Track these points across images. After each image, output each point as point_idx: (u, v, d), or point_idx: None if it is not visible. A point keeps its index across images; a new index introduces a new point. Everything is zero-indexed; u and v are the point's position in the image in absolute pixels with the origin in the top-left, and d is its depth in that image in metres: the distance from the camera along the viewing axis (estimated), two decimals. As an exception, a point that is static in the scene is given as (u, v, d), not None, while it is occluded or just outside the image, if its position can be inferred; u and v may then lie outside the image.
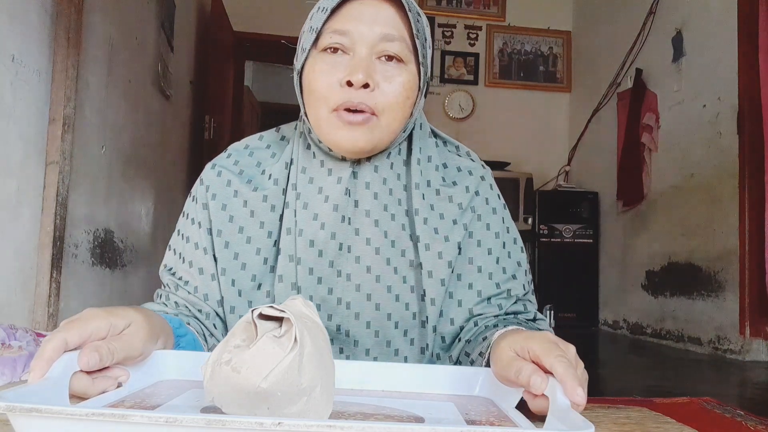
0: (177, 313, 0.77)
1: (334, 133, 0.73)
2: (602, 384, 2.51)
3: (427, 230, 0.77)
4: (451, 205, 0.80)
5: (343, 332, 0.75)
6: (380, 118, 0.73)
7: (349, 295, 0.76)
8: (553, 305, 3.81)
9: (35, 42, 1.98)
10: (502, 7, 5.27)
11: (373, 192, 0.77)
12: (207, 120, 4.00)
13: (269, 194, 0.79)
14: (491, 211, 0.82)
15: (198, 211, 0.80)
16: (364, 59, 0.72)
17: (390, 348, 0.76)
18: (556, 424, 0.48)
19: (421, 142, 0.82)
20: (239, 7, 4.65)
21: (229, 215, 0.79)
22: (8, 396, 0.42)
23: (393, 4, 0.73)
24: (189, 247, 0.80)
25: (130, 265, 2.92)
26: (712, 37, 3.38)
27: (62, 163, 2.08)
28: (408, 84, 0.73)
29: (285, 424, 0.38)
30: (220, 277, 0.77)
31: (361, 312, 0.76)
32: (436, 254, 0.77)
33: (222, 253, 0.78)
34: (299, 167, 0.79)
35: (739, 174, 3.09)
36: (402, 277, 0.77)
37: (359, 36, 0.72)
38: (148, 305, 0.78)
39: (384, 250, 0.76)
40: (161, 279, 0.83)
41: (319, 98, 0.73)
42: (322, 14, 0.73)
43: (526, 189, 4.64)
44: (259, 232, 0.78)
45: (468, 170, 0.84)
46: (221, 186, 0.80)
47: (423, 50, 0.75)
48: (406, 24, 0.74)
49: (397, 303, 0.76)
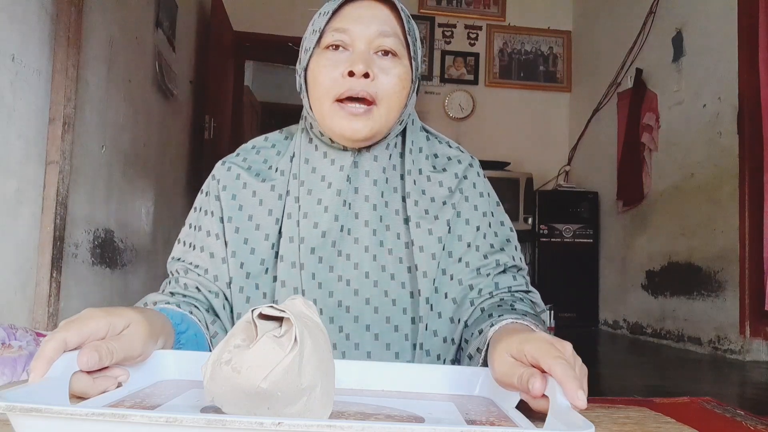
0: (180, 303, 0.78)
1: (337, 123, 0.79)
2: (602, 384, 2.51)
3: (417, 211, 0.84)
4: (441, 188, 0.87)
5: (344, 308, 0.81)
6: (379, 106, 0.79)
7: (349, 273, 0.81)
8: (553, 305, 3.80)
9: (35, 42, 1.98)
10: (502, 7, 5.27)
11: (373, 179, 0.84)
12: (207, 120, 3.99)
13: (276, 184, 0.85)
14: (478, 194, 0.88)
15: (210, 203, 0.86)
16: (364, 53, 0.79)
17: (390, 324, 0.81)
18: (556, 424, 0.48)
19: (413, 136, 0.89)
20: (239, 7, 4.65)
21: (239, 204, 0.84)
22: (8, 396, 0.42)
23: (387, 6, 0.81)
24: (200, 234, 0.85)
25: (130, 265, 2.92)
26: (712, 37, 3.38)
27: (62, 163, 2.08)
28: (403, 76, 0.81)
29: (285, 424, 0.38)
30: (229, 259, 0.82)
31: (360, 288, 0.81)
32: (426, 231, 0.83)
33: (232, 237, 0.83)
34: (302, 158, 0.85)
35: (739, 174, 3.09)
36: (398, 258, 0.83)
37: (358, 33, 0.79)
38: (151, 296, 0.80)
39: (380, 232, 0.83)
40: (169, 269, 0.87)
41: (324, 90, 0.79)
42: (323, 17, 0.80)
43: (526, 189, 4.63)
44: (267, 219, 0.83)
45: (457, 159, 0.91)
46: (231, 179, 0.86)
47: (414, 47, 0.83)
48: (399, 23, 0.82)
49: (393, 281, 0.82)
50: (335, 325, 0.79)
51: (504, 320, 0.71)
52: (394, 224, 0.84)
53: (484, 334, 0.71)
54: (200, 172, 4.07)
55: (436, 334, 0.81)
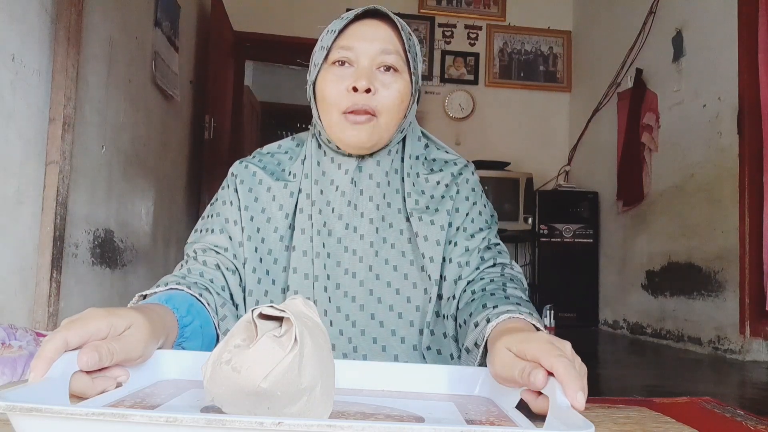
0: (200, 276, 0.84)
1: (343, 133, 0.87)
2: (602, 384, 2.52)
3: (418, 208, 0.92)
4: (438, 186, 0.95)
5: (350, 298, 0.88)
6: (380, 118, 0.87)
7: (354, 266, 0.89)
8: (553, 305, 3.80)
9: (35, 42, 1.98)
10: (502, 7, 5.27)
11: (376, 181, 0.92)
12: (207, 120, 3.99)
13: (289, 184, 0.94)
14: (470, 189, 0.96)
15: (229, 194, 0.94)
16: (367, 69, 0.86)
17: (393, 312, 0.87)
18: (556, 423, 0.48)
19: (412, 143, 0.97)
20: (239, 7, 4.65)
21: (254, 196, 0.93)
22: (8, 396, 0.42)
23: (389, 26, 0.89)
24: (219, 220, 0.92)
25: (130, 265, 2.92)
26: (712, 37, 3.38)
27: (62, 163, 2.08)
28: (402, 90, 0.88)
29: (285, 423, 0.38)
30: (245, 242, 0.89)
31: (364, 280, 0.88)
32: (428, 222, 0.90)
33: (248, 224, 0.91)
34: (314, 162, 0.93)
35: (739, 174, 3.09)
36: (401, 252, 0.90)
37: (362, 50, 0.87)
38: (165, 278, 0.83)
39: (382, 229, 0.91)
40: (186, 251, 0.92)
41: (331, 103, 0.87)
42: (331, 35, 0.88)
43: (526, 189, 4.63)
44: (278, 214, 0.92)
45: (453, 162, 0.99)
46: (248, 175, 0.94)
47: (414, 63, 0.90)
48: (400, 41, 0.89)
49: (396, 272, 0.89)
50: (342, 313, 0.87)
51: (501, 316, 0.71)
52: (396, 221, 0.91)
53: (481, 328, 0.72)
54: (200, 172, 4.06)
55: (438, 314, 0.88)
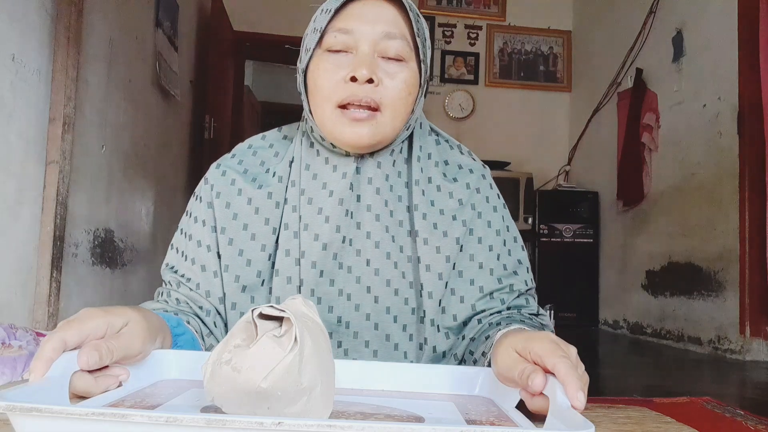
0: (177, 311, 0.77)
1: (338, 129, 0.74)
2: (602, 384, 2.51)
3: (425, 225, 0.79)
4: (451, 200, 0.81)
5: (344, 324, 0.77)
6: (383, 113, 0.74)
7: (350, 286, 0.77)
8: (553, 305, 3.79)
9: (35, 42, 1.98)
10: (503, 7, 5.27)
11: (375, 187, 0.79)
12: (207, 120, 3.99)
13: (274, 191, 0.80)
14: (492, 209, 0.83)
15: (202, 210, 0.81)
16: (367, 56, 0.73)
17: (390, 342, 0.77)
18: (556, 423, 0.48)
19: (421, 141, 0.84)
20: (239, 7, 4.65)
21: (233, 213, 0.79)
22: (8, 396, 0.41)
23: (394, 5, 0.75)
24: (192, 245, 0.80)
25: (130, 265, 2.92)
26: (712, 37, 3.38)
27: (62, 163, 2.08)
28: (410, 81, 0.75)
29: (285, 423, 0.38)
30: (222, 273, 0.78)
31: (361, 304, 0.77)
32: (434, 248, 0.78)
33: (226, 250, 0.78)
34: (303, 164, 0.80)
35: (739, 174, 3.09)
36: (401, 272, 0.78)
37: (362, 34, 0.74)
38: (147, 304, 0.78)
39: (384, 244, 0.78)
40: (163, 277, 0.84)
41: (324, 95, 0.74)
42: (325, 15, 0.75)
43: (526, 189, 4.63)
44: (263, 229, 0.79)
45: (469, 168, 0.85)
46: (225, 185, 0.81)
47: (423, 49, 0.77)
48: (407, 23, 0.75)
49: (396, 297, 0.77)
50: (334, 340, 0.76)
51: (512, 325, 0.70)
52: (398, 236, 0.79)
53: (491, 339, 0.70)
54: (200, 172, 4.04)
55: (436, 350, 0.78)
